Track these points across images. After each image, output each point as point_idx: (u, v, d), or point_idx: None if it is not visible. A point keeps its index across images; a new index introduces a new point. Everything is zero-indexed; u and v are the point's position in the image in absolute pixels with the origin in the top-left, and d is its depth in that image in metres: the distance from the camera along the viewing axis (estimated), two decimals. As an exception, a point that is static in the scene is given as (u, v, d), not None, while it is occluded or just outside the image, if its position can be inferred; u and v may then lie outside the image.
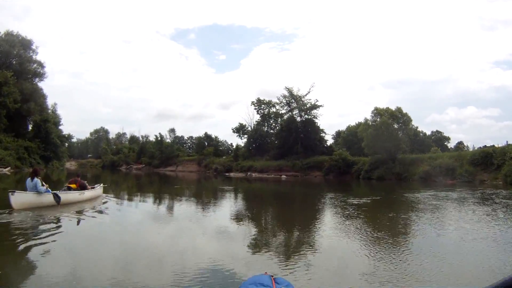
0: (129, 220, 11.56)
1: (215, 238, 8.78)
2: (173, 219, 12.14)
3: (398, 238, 9.03)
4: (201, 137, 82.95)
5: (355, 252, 7.25)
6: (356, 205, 15.68)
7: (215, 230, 9.85)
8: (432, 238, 9.07)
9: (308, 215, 13.45)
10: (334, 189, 28.96)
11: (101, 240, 8.06)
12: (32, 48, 53.44)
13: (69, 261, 6.19)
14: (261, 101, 69.91)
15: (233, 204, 18.07)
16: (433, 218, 12.14)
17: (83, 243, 7.64)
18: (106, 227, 9.80)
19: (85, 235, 8.59)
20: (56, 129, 58.11)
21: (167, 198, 19.84)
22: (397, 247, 7.83)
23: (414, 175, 40.60)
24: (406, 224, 11.24)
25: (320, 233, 9.71)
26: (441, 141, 73.00)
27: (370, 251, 7.31)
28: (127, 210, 14.46)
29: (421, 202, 17.30)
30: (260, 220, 12.61)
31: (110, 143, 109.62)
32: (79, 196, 13.38)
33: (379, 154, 45.56)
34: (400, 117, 45.67)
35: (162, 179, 42.89)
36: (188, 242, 8.26)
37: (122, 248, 7.39)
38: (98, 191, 15.57)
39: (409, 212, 13.83)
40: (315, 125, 61.46)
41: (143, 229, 9.96)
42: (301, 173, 53.89)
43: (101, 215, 11.72)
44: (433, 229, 10.20)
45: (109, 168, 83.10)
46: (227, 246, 7.97)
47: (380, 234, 9.24)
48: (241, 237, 9.05)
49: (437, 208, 14.80)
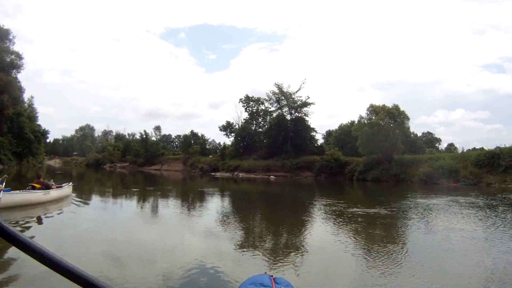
0: (94, 225, 9.94)
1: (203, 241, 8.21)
2: (142, 225, 10.33)
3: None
4: (187, 135, 78.83)
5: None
6: (365, 220, 11.56)
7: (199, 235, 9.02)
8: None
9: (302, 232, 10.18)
10: (328, 193, 25.87)
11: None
12: (9, 38, 49.28)
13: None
14: (249, 98, 66.21)
15: (211, 217, 14.18)
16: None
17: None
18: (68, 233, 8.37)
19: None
20: (33, 124, 54.10)
21: (138, 199, 17.26)
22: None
23: (413, 176, 37.57)
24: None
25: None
26: (432, 142, 70.65)
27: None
28: (95, 213, 12.54)
29: (457, 214, 13.19)
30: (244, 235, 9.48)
31: (95, 140, 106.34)
32: (43, 196, 12.20)
33: (374, 154, 42.68)
34: (397, 115, 42.75)
35: (145, 178, 39.70)
36: (175, 245, 7.83)
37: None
38: (66, 191, 14.55)
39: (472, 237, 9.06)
40: (305, 124, 58.13)
41: (108, 237, 8.42)
42: (291, 174, 50.77)
43: (66, 217, 10.60)
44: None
45: (93, 166, 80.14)
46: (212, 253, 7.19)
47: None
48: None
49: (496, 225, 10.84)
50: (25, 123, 50.04)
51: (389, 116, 42.05)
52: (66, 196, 14.38)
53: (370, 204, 16.29)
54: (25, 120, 50.11)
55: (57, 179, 17.07)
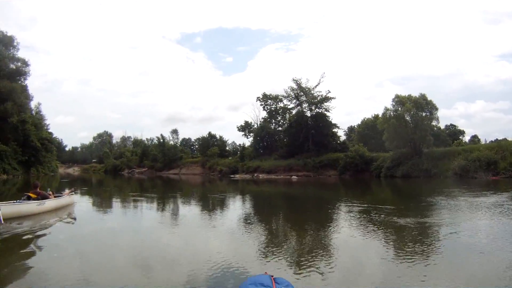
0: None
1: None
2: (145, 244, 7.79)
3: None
4: (205, 137, 77.18)
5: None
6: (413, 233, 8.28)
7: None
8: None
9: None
10: (355, 193, 23.56)
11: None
12: (14, 45, 48.59)
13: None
14: (267, 96, 64.27)
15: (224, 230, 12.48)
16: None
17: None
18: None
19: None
20: (42, 131, 52.83)
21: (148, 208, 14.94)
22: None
23: (447, 171, 34.80)
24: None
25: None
26: (455, 135, 67.16)
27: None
28: (93, 228, 9.96)
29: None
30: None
31: (113, 147, 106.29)
32: (36, 207, 10.97)
33: (402, 149, 40.02)
34: (425, 105, 39.92)
35: (161, 184, 38.10)
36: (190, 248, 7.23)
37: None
38: (65, 200, 13.23)
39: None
40: (327, 119, 55.77)
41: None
42: (314, 173, 48.71)
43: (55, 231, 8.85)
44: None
45: (111, 172, 79.75)
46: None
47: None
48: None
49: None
50: (31, 130, 48.35)
51: (416, 107, 39.28)
52: (66, 205, 13.11)
53: (412, 208, 13.76)
54: (30, 127, 48.39)
55: (63, 187, 15.43)
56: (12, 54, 48.68)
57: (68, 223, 10.17)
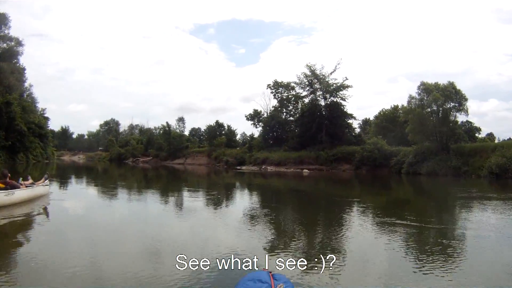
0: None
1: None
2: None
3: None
4: (212, 126, 73.28)
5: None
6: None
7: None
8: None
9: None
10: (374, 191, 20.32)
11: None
12: (5, 23, 44.83)
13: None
14: (278, 84, 60.15)
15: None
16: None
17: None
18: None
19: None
20: (33, 115, 49.57)
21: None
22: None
23: (479, 170, 30.61)
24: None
25: None
26: (472, 131, 62.99)
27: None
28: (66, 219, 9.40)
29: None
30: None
31: (120, 135, 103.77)
32: (4, 197, 10.22)
33: (427, 143, 35.83)
34: (454, 94, 35.54)
35: (161, 175, 35.34)
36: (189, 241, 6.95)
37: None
38: (38, 190, 12.33)
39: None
40: (342, 109, 51.41)
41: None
42: (327, 167, 44.79)
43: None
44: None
45: (115, 161, 77.27)
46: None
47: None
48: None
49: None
50: (17, 113, 44.55)
51: (445, 96, 34.94)
52: (39, 196, 12.22)
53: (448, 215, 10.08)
54: (16, 109, 44.51)
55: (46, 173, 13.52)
56: (3, 32, 45.30)
57: (39, 215, 9.65)
